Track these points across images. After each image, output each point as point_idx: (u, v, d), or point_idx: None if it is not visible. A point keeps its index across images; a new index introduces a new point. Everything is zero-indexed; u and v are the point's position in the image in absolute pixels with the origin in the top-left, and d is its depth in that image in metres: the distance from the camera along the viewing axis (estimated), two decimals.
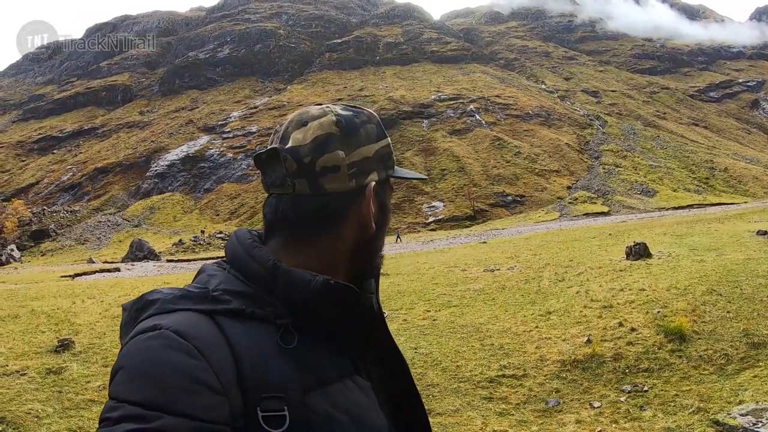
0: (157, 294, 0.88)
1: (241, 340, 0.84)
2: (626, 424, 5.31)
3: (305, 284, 0.91)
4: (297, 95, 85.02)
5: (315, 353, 0.91)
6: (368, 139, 1.01)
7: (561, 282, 11.72)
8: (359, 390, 0.94)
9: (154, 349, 0.78)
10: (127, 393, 0.75)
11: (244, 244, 0.98)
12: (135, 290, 16.84)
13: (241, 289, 0.91)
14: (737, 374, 6.07)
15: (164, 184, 65.28)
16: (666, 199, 55.89)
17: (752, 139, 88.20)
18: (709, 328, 7.39)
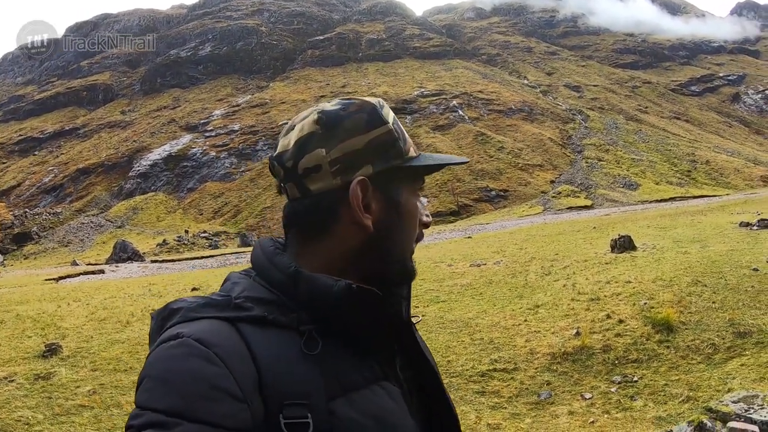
0: (181, 303, 0.89)
1: (263, 346, 0.84)
2: (618, 414, 5.39)
3: (327, 289, 0.90)
4: (279, 93, 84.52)
5: (339, 359, 0.89)
6: (356, 130, 0.96)
7: (547, 276, 11.82)
8: (388, 396, 0.92)
9: (175, 357, 0.79)
10: (149, 401, 0.76)
11: (266, 251, 0.99)
12: (120, 292, 16.72)
13: (264, 296, 0.91)
14: (725, 363, 6.17)
15: (147, 184, 64.61)
16: (649, 192, 56.40)
17: (733, 132, 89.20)
18: (695, 318, 7.50)
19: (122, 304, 13.67)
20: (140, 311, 12.26)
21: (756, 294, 8.00)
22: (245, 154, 67.87)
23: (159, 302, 13.52)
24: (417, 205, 1.04)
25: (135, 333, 10.06)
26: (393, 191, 0.99)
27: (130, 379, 7.30)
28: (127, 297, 15.17)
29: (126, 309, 12.75)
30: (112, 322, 11.23)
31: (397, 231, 1.00)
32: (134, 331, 10.21)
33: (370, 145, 0.96)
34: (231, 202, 59.47)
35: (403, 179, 1.01)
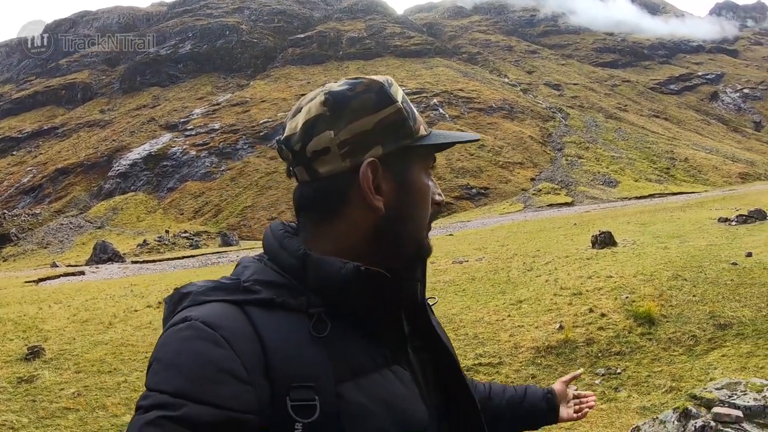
0: (191, 287, 0.90)
1: (271, 329, 0.84)
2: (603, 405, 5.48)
3: (335, 272, 0.89)
4: (260, 91, 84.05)
5: (348, 342, 0.89)
6: (364, 110, 0.95)
7: (530, 271, 11.93)
8: (397, 380, 0.92)
9: (183, 340, 0.80)
10: (157, 383, 0.77)
11: (276, 235, 0.99)
12: (102, 293, 16.56)
13: (273, 279, 0.91)
14: (706, 354, 6.30)
15: (127, 184, 63.80)
16: (628, 189, 57.04)
17: (711, 130, 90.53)
18: (676, 311, 7.63)
19: (104, 306, 13.56)
20: (122, 312, 12.17)
21: (735, 287, 8.16)
22: (226, 153, 67.37)
23: (141, 303, 13.44)
24: (428, 184, 1.02)
25: (118, 334, 9.98)
26: (404, 171, 0.98)
27: (115, 381, 7.25)
28: (109, 298, 15.04)
29: (108, 310, 12.65)
30: (94, 323, 11.13)
31: (410, 211, 0.98)
32: (117, 332, 10.13)
33: (379, 126, 0.95)
34: (211, 202, 59.04)
35: (413, 159, 0.99)
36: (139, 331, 10.14)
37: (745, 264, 9.32)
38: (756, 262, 9.35)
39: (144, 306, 12.89)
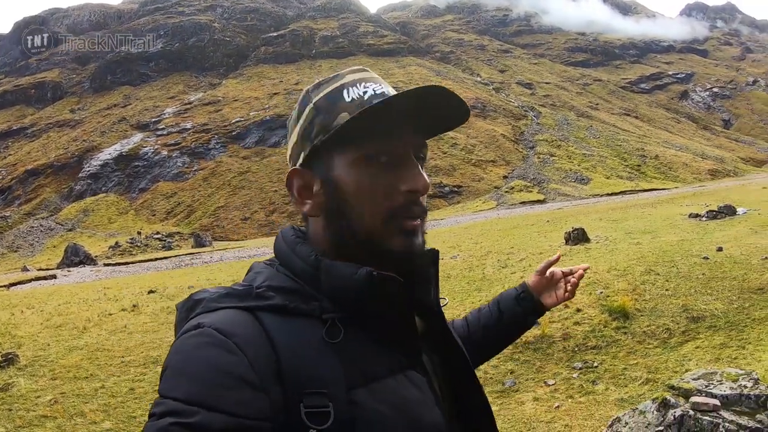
0: (203, 293, 0.89)
1: (283, 335, 0.83)
2: (581, 398, 5.57)
3: (348, 277, 0.89)
4: (232, 90, 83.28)
5: (362, 348, 0.88)
6: (293, 124, 1.00)
7: (504, 268, 12.04)
8: (412, 385, 0.90)
9: (195, 347, 0.79)
10: (170, 390, 0.77)
11: (288, 241, 0.99)
12: (75, 297, 16.32)
13: (286, 285, 0.90)
14: (680, 346, 6.45)
15: (98, 185, 62.68)
16: (600, 186, 57.88)
17: (681, 128, 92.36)
18: (650, 305, 7.79)
19: (77, 310, 13.38)
20: (96, 316, 12.01)
21: (707, 281, 8.36)
22: (198, 152, 66.69)
23: (115, 306, 13.28)
24: (368, 174, 0.92)
25: (93, 339, 9.86)
26: (325, 169, 0.95)
27: (92, 387, 7.16)
28: (82, 302, 14.83)
29: (82, 314, 12.49)
30: (68, 328, 10.99)
31: (346, 209, 0.93)
32: (92, 337, 10.01)
33: (300, 134, 0.97)
34: (184, 202, 58.40)
35: (333, 152, 0.94)
36: (115, 336, 10.02)
37: (716, 258, 9.55)
38: (726, 257, 9.58)
39: (118, 309, 12.72)
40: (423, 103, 0.94)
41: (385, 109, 0.89)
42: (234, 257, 30.62)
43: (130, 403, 6.61)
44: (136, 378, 7.47)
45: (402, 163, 0.94)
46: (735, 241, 10.90)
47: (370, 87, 0.96)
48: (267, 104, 75.30)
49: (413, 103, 0.92)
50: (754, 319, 6.72)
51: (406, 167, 0.94)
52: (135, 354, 8.60)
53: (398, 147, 0.94)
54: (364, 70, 1.01)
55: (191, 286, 16.19)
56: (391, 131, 0.93)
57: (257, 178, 60.42)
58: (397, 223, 0.93)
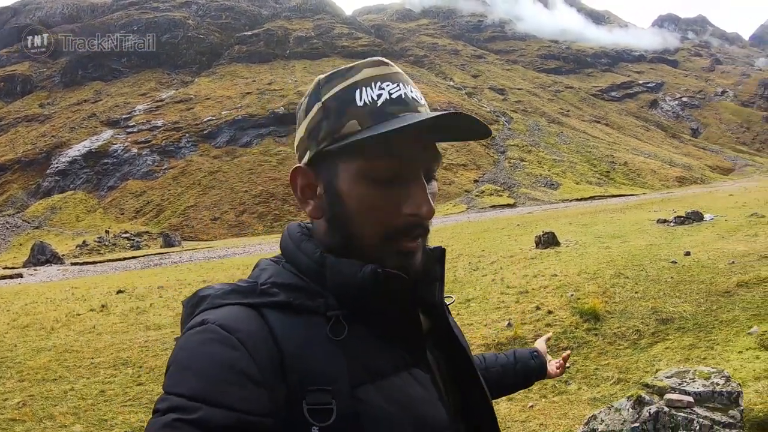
0: (209, 290, 0.89)
1: (287, 332, 0.83)
2: (555, 398, 5.66)
3: (353, 275, 0.88)
4: (204, 88, 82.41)
5: (367, 345, 0.88)
6: (301, 117, 0.96)
7: (476, 271, 12.15)
8: (416, 383, 0.90)
9: (199, 343, 0.80)
10: (174, 386, 0.77)
11: (294, 238, 0.98)
12: (42, 296, 15.99)
13: (291, 281, 0.90)
14: (650, 347, 6.59)
15: (66, 182, 61.37)
16: (569, 191, 58.76)
17: (650, 135, 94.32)
18: (620, 307, 7.94)
19: (45, 310, 13.11)
20: (64, 316, 11.78)
21: (675, 284, 8.55)
22: (168, 151, 65.80)
23: (83, 306, 13.05)
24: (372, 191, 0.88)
25: (61, 339, 9.67)
26: (330, 176, 0.91)
27: (61, 389, 7.02)
28: (49, 302, 14.54)
29: (49, 314, 12.24)
30: (35, 328, 10.77)
31: (346, 221, 0.91)
32: (60, 338, 9.82)
33: (308, 130, 0.93)
34: (153, 201, 57.56)
35: (339, 162, 0.90)
36: (83, 336, 9.84)
37: (684, 262, 9.78)
38: (694, 261, 9.83)
39: (87, 310, 12.50)
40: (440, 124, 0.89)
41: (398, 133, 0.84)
42: (203, 257, 30.31)
43: (100, 405, 6.49)
44: (106, 380, 7.34)
45: (409, 183, 0.90)
46: (702, 246, 11.18)
47: (386, 88, 0.89)
48: (239, 103, 74.70)
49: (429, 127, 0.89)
50: (721, 321, 6.91)
51: (413, 189, 0.90)
52: (105, 355, 8.45)
53: (407, 167, 0.89)
54: (384, 63, 0.93)
55: (161, 286, 15.97)
56: (400, 151, 0.88)
57: (228, 178, 59.87)
58: (396, 243, 0.91)
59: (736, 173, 78.62)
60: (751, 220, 14.50)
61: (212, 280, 16.01)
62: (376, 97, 0.88)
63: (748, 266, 8.91)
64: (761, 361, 5.34)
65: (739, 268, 8.91)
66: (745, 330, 6.44)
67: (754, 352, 5.69)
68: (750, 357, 5.56)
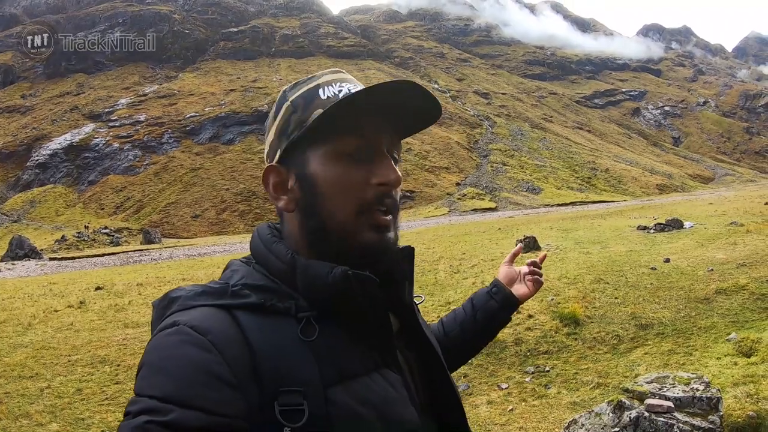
0: (179, 291, 0.89)
1: (259, 333, 0.84)
2: (535, 401, 5.69)
3: (323, 276, 0.89)
4: (188, 84, 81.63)
5: (337, 346, 0.88)
6: (270, 123, 1.02)
7: (456, 274, 12.18)
8: (387, 384, 0.91)
9: (171, 345, 0.79)
10: (146, 388, 0.77)
11: (264, 239, 0.99)
12: (19, 292, 15.73)
13: (262, 283, 0.91)
14: (629, 352, 6.66)
15: (46, 176, 60.39)
16: (551, 196, 59.15)
17: (632, 143, 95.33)
18: (599, 312, 8.01)
19: (22, 305, 12.90)
20: (42, 313, 11.60)
21: (655, 290, 8.66)
22: (150, 146, 65.05)
23: (61, 302, 12.86)
24: (341, 169, 0.94)
25: (38, 336, 9.52)
26: (300, 164, 0.96)
27: (37, 387, 6.91)
28: (27, 297, 14.31)
29: (26, 310, 12.05)
30: (12, 324, 10.59)
31: (319, 204, 0.94)
32: (37, 334, 9.67)
33: (277, 132, 0.99)
34: (134, 197, 56.88)
35: (309, 147, 0.96)
36: (61, 333, 9.70)
37: (664, 269, 9.91)
38: (673, 267, 9.96)
39: (64, 306, 12.31)
40: (393, 99, 0.94)
41: (355, 103, 0.91)
42: (183, 255, 30.02)
43: (77, 404, 6.40)
44: (83, 378, 7.24)
45: (374, 157, 0.96)
46: (682, 253, 11.33)
47: (345, 86, 0.97)
48: (223, 100, 74.17)
49: (383, 97, 0.93)
50: (700, 327, 7.01)
51: (378, 161, 0.96)
52: (82, 353, 8.33)
53: (370, 141, 0.95)
54: (341, 72, 1.02)
55: (140, 283, 15.80)
56: (362, 126, 0.94)
57: (210, 176, 59.38)
58: (368, 216, 0.94)
59: (716, 182, 79.77)
60: (730, 229, 14.72)
61: (192, 278, 15.87)
62: (338, 92, 0.96)
63: (727, 274, 9.04)
64: (739, 367, 5.42)
65: (717, 275, 9.04)
66: (724, 336, 6.53)
67: (732, 358, 5.77)
68: (728, 363, 5.64)
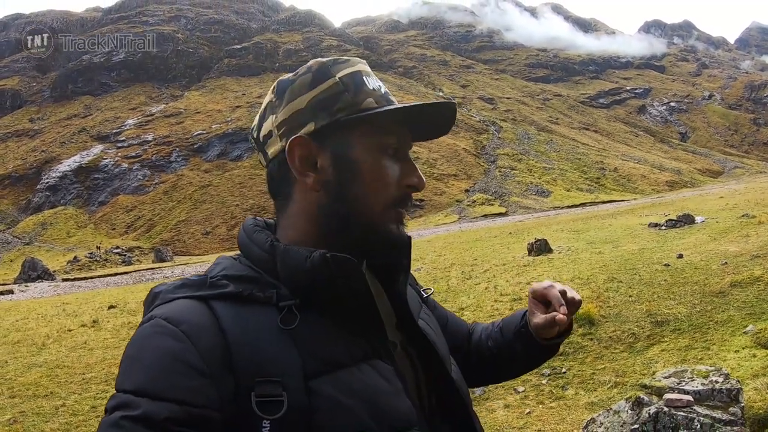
0: (162, 287, 0.89)
1: (235, 323, 0.81)
2: (552, 403, 5.62)
3: (301, 261, 0.87)
4: (194, 102, 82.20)
5: (322, 335, 0.85)
6: (299, 91, 0.95)
7: (469, 280, 12.11)
8: (377, 375, 0.87)
9: (144, 337, 0.79)
10: (121, 383, 0.76)
11: (247, 230, 0.98)
12: (33, 312, 15.81)
13: (244, 273, 0.89)
14: (646, 350, 6.58)
15: (56, 198, 60.90)
16: (560, 198, 58.83)
17: (640, 141, 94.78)
18: (614, 311, 7.93)
19: (36, 326, 12.97)
20: (55, 332, 11.65)
21: (669, 287, 8.56)
22: (159, 165, 65.45)
23: (74, 322, 12.91)
24: (384, 162, 0.95)
25: (52, 355, 9.57)
26: (343, 146, 0.93)
27: (52, 405, 6.93)
28: (41, 318, 14.38)
29: (40, 330, 12.12)
30: (26, 344, 10.66)
31: (353, 190, 0.93)
32: (51, 354, 9.71)
33: (312, 102, 0.94)
34: (144, 216, 57.18)
35: (356, 133, 0.94)
36: (74, 352, 9.74)
37: (677, 265, 9.80)
38: (687, 263, 9.85)
39: (78, 325, 12.37)
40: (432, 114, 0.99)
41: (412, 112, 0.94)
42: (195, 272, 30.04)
43: (92, 421, 6.41)
44: (98, 395, 7.25)
45: (407, 159, 0.98)
46: (695, 248, 11.21)
47: (380, 84, 0.99)
48: (229, 117, 74.53)
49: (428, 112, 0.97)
50: (716, 321, 6.91)
51: (410, 164, 0.98)
52: (96, 371, 8.36)
53: (405, 145, 0.99)
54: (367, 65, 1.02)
55: None
56: (402, 130, 0.97)
57: (219, 192, 59.61)
58: (394, 211, 0.96)
59: (725, 176, 79.04)
60: (742, 221, 14.57)
61: None
62: (378, 87, 0.97)
63: (741, 266, 8.94)
64: (758, 359, 5.34)
65: (731, 268, 8.94)
66: (741, 329, 6.44)
67: (750, 350, 5.69)
68: (747, 355, 5.56)
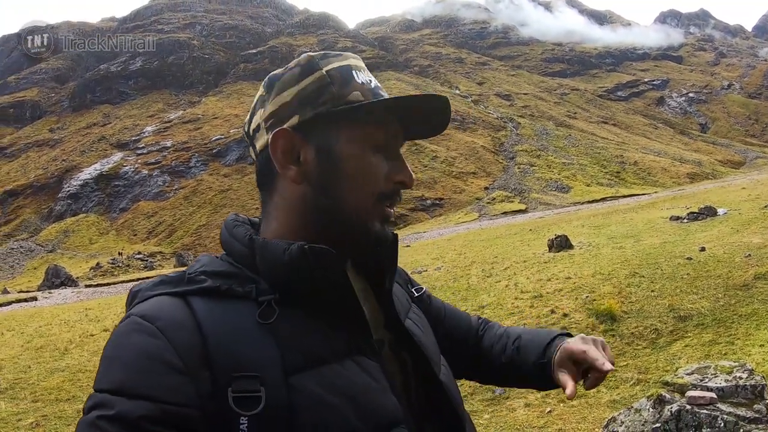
0: (140, 285, 0.89)
1: (212, 318, 0.80)
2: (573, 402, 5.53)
3: (278, 254, 0.86)
4: (212, 107, 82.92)
5: (303, 330, 0.84)
6: (288, 84, 0.94)
7: (489, 277, 12.01)
8: (361, 371, 0.85)
9: (120, 335, 0.78)
10: (98, 382, 0.75)
11: (228, 226, 0.98)
12: (56, 318, 16.04)
13: (223, 269, 0.88)
14: (669, 346, 6.45)
15: (78, 205, 61.87)
16: (580, 193, 58.28)
17: (659, 133, 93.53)
18: (636, 307, 7.80)
19: (59, 331, 13.14)
20: (78, 337, 11.79)
21: (692, 281, 8.40)
22: (178, 171, 66.14)
23: (97, 327, 13.06)
24: (369, 156, 0.93)
25: (74, 360, 9.68)
26: (328, 140, 0.92)
27: (74, 409, 7.01)
28: (63, 323, 14.57)
29: (63, 336, 12.27)
30: (49, 350, 10.79)
31: (337, 183, 0.92)
32: (74, 358, 9.83)
33: (298, 96, 0.92)
34: (165, 222, 57.81)
35: (342, 126, 0.92)
36: (96, 357, 9.82)
37: (700, 258, 9.61)
38: (710, 256, 9.66)
39: (100, 330, 12.51)
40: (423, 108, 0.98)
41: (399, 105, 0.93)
42: None
43: None
44: None
45: (397, 155, 0.97)
46: (717, 241, 11.00)
47: (371, 79, 0.97)
48: None
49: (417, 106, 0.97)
50: (740, 315, 6.76)
51: (400, 160, 0.97)
52: None
53: (395, 141, 0.97)
54: (358, 58, 1.00)
55: None
56: (389, 123, 0.95)
57: (238, 196, 60.05)
58: (381, 207, 0.94)
59: (747, 166, 77.64)
60: (765, 212, 14.24)
61: None
62: (368, 81, 0.95)
63: (765, 258, 8.74)
64: None
65: (755, 260, 8.75)
66: (766, 323, 6.29)
67: None
68: None
